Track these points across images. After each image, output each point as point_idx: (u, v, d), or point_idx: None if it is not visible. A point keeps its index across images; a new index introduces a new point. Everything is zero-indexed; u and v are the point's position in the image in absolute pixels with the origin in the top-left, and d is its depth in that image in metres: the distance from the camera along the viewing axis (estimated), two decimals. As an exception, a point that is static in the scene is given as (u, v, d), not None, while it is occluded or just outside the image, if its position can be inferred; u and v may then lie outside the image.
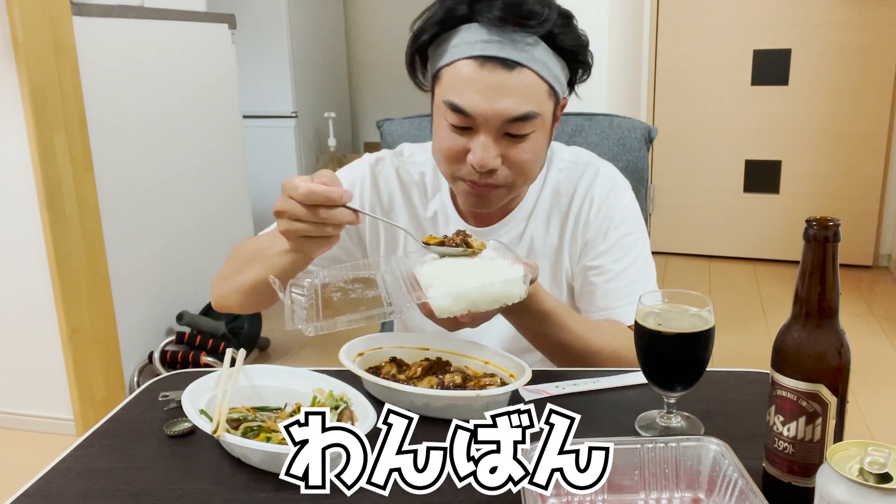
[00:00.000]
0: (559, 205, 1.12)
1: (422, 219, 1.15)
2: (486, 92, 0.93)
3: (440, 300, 0.84)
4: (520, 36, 0.93)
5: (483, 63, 0.93)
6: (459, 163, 0.99)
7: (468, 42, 0.94)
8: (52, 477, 0.81)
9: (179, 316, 2.75)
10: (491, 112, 0.94)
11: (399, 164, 1.17)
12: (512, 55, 0.92)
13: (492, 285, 0.84)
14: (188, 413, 0.82)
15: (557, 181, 1.13)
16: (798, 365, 0.68)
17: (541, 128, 0.99)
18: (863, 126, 3.68)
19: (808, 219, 0.67)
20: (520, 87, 0.94)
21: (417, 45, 1.00)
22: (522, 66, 0.93)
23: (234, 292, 1.09)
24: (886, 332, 3.04)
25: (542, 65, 0.95)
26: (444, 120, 0.98)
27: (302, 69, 4.29)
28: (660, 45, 3.93)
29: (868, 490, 0.54)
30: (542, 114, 0.97)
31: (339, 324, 0.81)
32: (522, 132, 0.96)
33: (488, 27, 0.93)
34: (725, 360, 2.37)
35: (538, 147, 1.00)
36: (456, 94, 0.95)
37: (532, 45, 0.93)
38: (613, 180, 1.13)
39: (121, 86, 2.54)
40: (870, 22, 3.55)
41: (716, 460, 0.71)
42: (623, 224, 1.11)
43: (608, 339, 1.06)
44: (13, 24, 2.13)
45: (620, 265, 1.11)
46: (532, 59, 0.93)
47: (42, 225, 2.26)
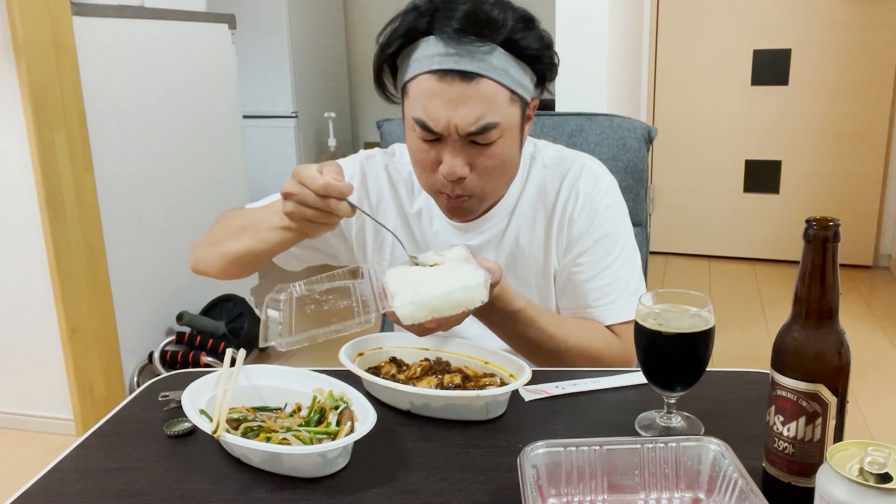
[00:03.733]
0: (545, 201, 1.12)
1: (408, 215, 1.17)
2: (446, 105, 0.95)
3: (404, 309, 0.87)
4: (476, 46, 0.94)
5: (442, 76, 0.95)
6: (433, 173, 1.02)
7: (428, 56, 0.96)
8: (52, 477, 0.82)
9: (179, 316, 2.75)
10: (452, 124, 0.96)
11: (389, 162, 1.19)
12: (469, 66, 0.94)
13: (453, 292, 0.88)
14: (188, 413, 0.82)
15: (542, 178, 1.13)
16: (798, 365, 0.68)
17: (507, 134, 1.00)
18: (863, 126, 3.68)
19: (808, 219, 0.67)
20: (479, 98, 0.95)
21: (384, 57, 1.02)
22: (480, 76, 0.94)
23: (217, 258, 1.13)
24: (886, 332, 3.04)
25: (502, 72, 0.96)
26: (413, 132, 1.01)
27: (302, 69, 4.29)
28: (660, 45, 3.93)
29: (868, 490, 0.54)
30: (504, 121, 0.98)
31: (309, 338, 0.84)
32: (487, 140, 0.98)
33: (445, 40, 0.94)
34: (725, 360, 2.37)
35: (506, 152, 1.01)
36: (420, 109, 0.97)
37: (489, 54, 0.94)
38: (598, 175, 1.13)
39: (121, 86, 2.54)
40: (870, 22, 3.55)
41: (716, 460, 0.71)
42: (606, 222, 1.11)
43: (580, 337, 1.08)
44: (13, 24, 2.13)
45: (601, 264, 1.11)
46: (490, 68, 0.94)
47: (42, 225, 2.26)
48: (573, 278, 1.13)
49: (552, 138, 1.33)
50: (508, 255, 1.13)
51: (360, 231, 1.19)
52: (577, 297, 1.13)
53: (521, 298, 1.03)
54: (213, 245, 1.14)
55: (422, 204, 1.16)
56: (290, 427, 0.83)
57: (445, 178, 1.00)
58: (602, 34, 2.38)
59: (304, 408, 0.88)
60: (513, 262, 1.14)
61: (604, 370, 1.02)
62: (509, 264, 1.13)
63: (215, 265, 1.14)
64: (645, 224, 1.40)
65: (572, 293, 1.13)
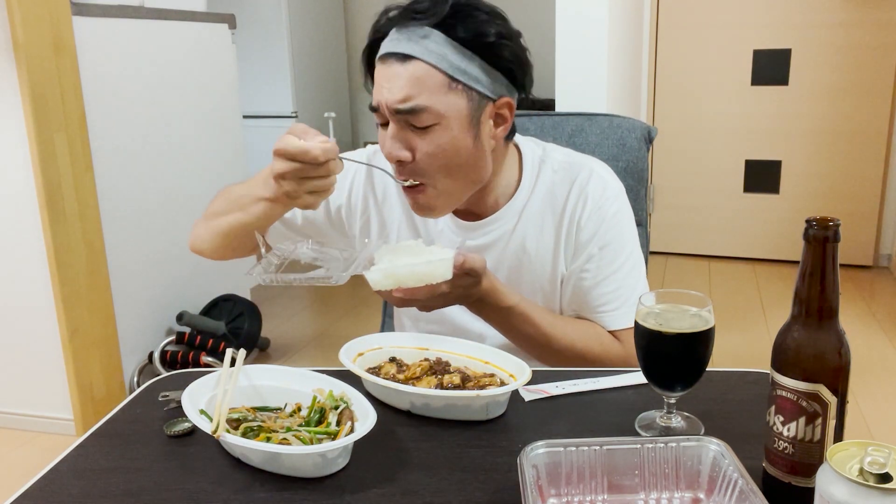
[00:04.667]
0: (553, 205, 1.12)
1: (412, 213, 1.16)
2: (383, 84, 0.99)
3: (372, 274, 0.94)
4: (413, 29, 0.97)
5: (384, 60, 0.99)
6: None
7: (383, 46, 1.00)
8: (52, 477, 0.82)
9: (179, 316, 2.75)
10: (384, 102, 0.98)
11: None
12: (404, 48, 0.96)
13: (416, 265, 0.94)
14: (188, 413, 0.82)
15: (552, 182, 1.13)
16: (798, 365, 0.68)
17: (449, 122, 0.99)
18: (863, 126, 3.68)
19: (808, 219, 0.67)
20: (409, 77, 0.96)
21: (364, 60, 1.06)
22: (414, 57, 0.96)
23: (209, 234, 1.14)
24: (886, 332, 3.04)
25: (438, 56, 0.96)
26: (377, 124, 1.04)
27: (302, 69, 4.29)
28: (660, 45, 3.93)
29: (868, 490, 0.54)
30: (440, 107, 0.97)
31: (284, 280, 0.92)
32: (421, 124, 0.98)
33: (395, 30, 0.99)
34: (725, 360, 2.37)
35: (448, 143, 0.99)
36: (373, 95, 1.01)
37: (426, 37, 0.96)
38: (606, 182, 1.13)
39: (121, 86, 2.54)
40: (870, 22, 3.55)
41: (716, 460, 0.71)
42: (613, 228, 1.11)
43: (577, 336, 1.08)
44: (13, 24, 2.13)
45: (607, 270, 1.11)
46: (424, 51, 0.96)
47: (42, 225, 2.26)
48: (579, 284, 1.13)
49: (552, 138, 1.33)
50: (514, 259, 1.13)
51: (364, 225, 1.19)
52: (583, 302, 1.13)
53: (514, 295, 1.05)
54: (205, 222, 1.15)
55: None
56: (290, 427, 0.83)
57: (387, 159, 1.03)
58: (602, 34, 2.38)
59: (304, 408, 0.88)
60: (518, 266, 1.13)
61: (604, 370, 1.02)
62: (514, 268, 1.13)
63: (208, 242, 1.15)
64: (645, 224, 1.40)
65: (578, 299, 1.13)
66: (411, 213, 1.16)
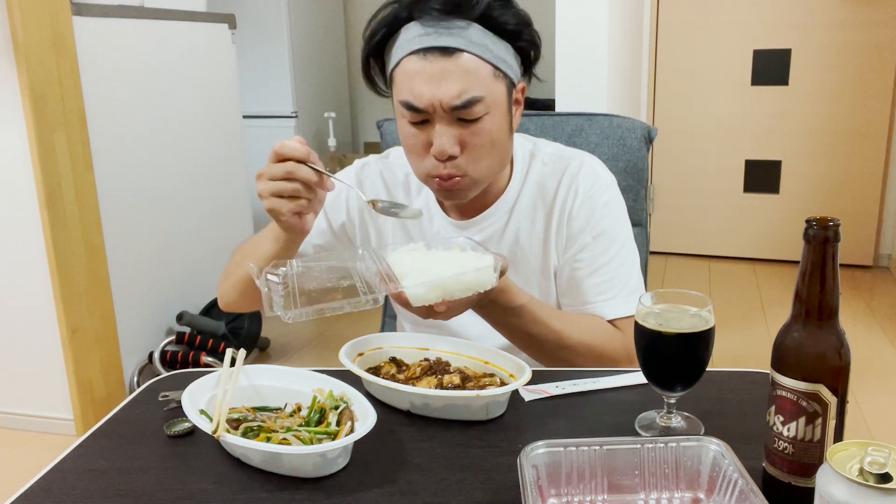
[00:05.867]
0: (544, 197, 1.13)
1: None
2: (430, 81, 0.96)
3: (415, 289, 0.87)
4: (454, 23, 0.96)
5: (423, 55, 0.96)
6: (424, 157, 1.02)
7: (408, 39, 0.98)
8: (52, 477, 0.82)
9: (179, 316, 2.75)
10: (437, 99, 0.96)
11: (384, 167, 1.20)
12: (449, 42, 0.95)
13: (464, 273, 0.88)
14: (188, 413, 0.82)
15: (542, 174, 1.13)
16: (798, 365, 0.68)
17: (494, 111, 1.00)
18: (863, 126, 3.68)
19: (808, 219, 0.67)
20: (461, 71, 0.96)
21: (370, 48, 1.03)
22: (460, 50, 0.95)
23: (231, 289, 1.14)
24: (886, 332, 3.04)
25: (482, 47, 0.96)
26: (403, 119, 1.02)
27: (302, 69, 4.29)
28: (660, 45, 3.93)
29: (868, 490, 0.54)
30: (489, 95, 0.98)
31: (318, 311, 0.82)
32: (474, 116, 0.98)
33: (425, 22, 0.96)
34: (725, 360, 2.37)
35: (494, 130, 1.01)
36: (406, 91, 0.98)
37: (466, 29, 0.96)
38: (597, 173, 1.13)
39: (121, 86, 2.54)
40: (870, 22, 3.55)
41: (716, 460, 0.71)
42: (605, 218, 1.11)
43: (584, 332, 1.07)
44: (13, 24, 2.13)
45: (600, 260, 1.11)
46: (469, 43, 0.96)
47: (42, 225, 2.26)
48: (573, 275, 1.13)
49: (552, 138, 1.33)
50: (509, 253, 1.14)
51: (364, 236, 1.21)
52: (578, 293, 1.13)
53: (525, 294, 1.03)
54: (226, 278, 1.16)
55: (420, 204, 1.17)
56: (290, 427, 0.83)
57: (437, 159, 1.00)
58: (602, 34, 2.38)
59: (304, 408, 0.88)
60: (513, 259, 1.14)
61: (604, 370, 1.02)
62: (511, 261, 1.13)
63: (233, 297, 1.15)
64: (645, 224, 1.40)
65: (573, 290, 1.14)
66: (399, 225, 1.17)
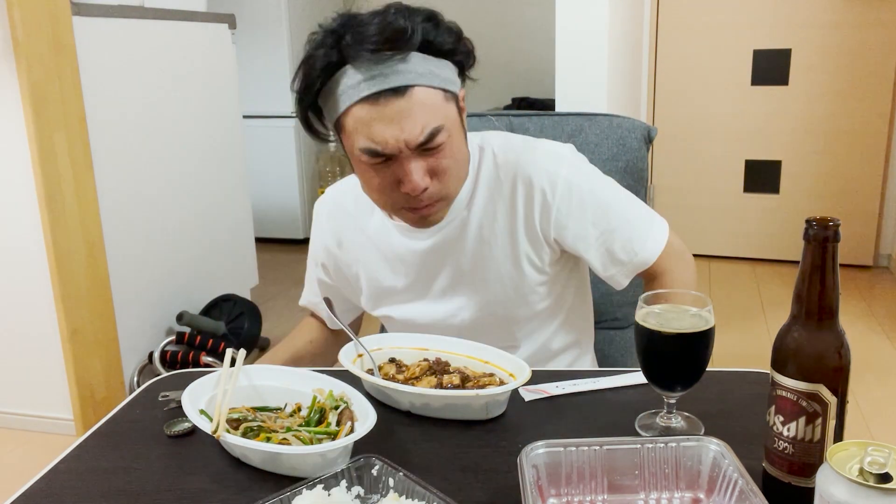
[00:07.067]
0: (501, 192, 1.11)
1: (370, 235, 1.18)
2: (389, 125, 0.94)
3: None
4: (394, 58, 0.93)
5: (375, 100, 0.94)
6: (394, 194, 1.01)
7: (352, 86, 0.95)
8: (52, 477, 0.82)
9: (179, 316, 2.75)
10: (401, 141, 0.95)
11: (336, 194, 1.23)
12: (398, 81, 0.93)
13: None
14: (188, 413, 0.82)
15: (494, 167, 1.11)
16: (798, 365, 0.68)
17: (453, 132, 1.00)
18: (863, 126, 3.67)
19: (808, 219, 0.67)
20: (416, 107, 0.94)
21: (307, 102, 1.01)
22: (411, 86, 0.94)
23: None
24: (886, 332, 3.04)
25: (428, 76, 0.95)
26: (362, 163, 1.00)
27: (302, 69, 4.29)
28: (660, 45, 3.93)
29: (868, 490, 0.54)
30: (445, 120, 0.98)
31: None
32: (437, 144, 0.98)
33: (363, 65, 0.94)
34: (725, 360, 2.37)
35: (456, 149, 1.02)
36: (365, 138, 0.96)
37: (408, 62, 0.94)
38: (556, 153, 1.12)
39: (121, 86, 2.54)
40: (870, 22, 3.55)
41: (716, 460, 0.71)
42: (586, 185, 1.10)
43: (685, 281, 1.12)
44: (13, 24, 2.13)
45: (613, 223, 1.10)
46: (417, 76, 0.94)
47: (42, 225, 2.26)
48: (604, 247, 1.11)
49: (552, 138, 1.33)
50: (474, 248, 1.12)
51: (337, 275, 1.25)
52: (620, 261, 1.12)
53: None
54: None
55: (377, 221, 1.16)
56: (290, 427, 0.83)
57: (411, 195, 0.99)
58: (602, 34, 2.38)
59: (304, 408, 0.88)
60: (480, 255, 1.12)
61: (604, 370, 1.03)
62: (477, 256, 1.12)
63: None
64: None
65: (612, 260, 1.12)
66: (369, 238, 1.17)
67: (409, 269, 1.14)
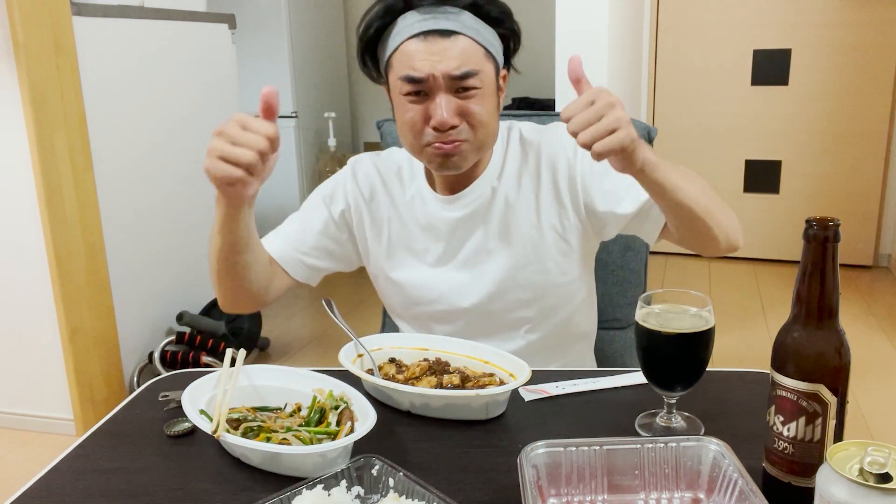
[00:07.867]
0: (527, 164, 1.18)
1: (400, 203, 1.21)
2: (431, 58, 1.05)
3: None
4: (449, 9, 1.06)
5: (425, 37, 1.05)
6: (423, 131, 1.08)
7: (407, 26, 1.06)
8: (52, 477, 0.82)
9: (179, 316, 2.75)
10: (438, 72, 1.04)
11: (377, 160, 1.26)
12: (447, 25, 1.05)
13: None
14: (188, 413, 0.82)
15: (521, 143, 1.20)
16: (798, 365, 0.68)
17: (486, 88, 1.08)
18: (863, 126, 3.67)
19: (808, 219, 0.67)
20: (458, 50, 1.05)
21: (365, 41, 1.11)
22: (458, 33, 1.05)
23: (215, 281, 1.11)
24: (886, 332, 3.04)
25: (475, 30, 1.07)
26: (402, 96, 1.08)
27: (302, 69, 4.29)
28: (660, 45, 3.93)
29: (868, 490, 0.54)
30: (483, 71, 1.07)
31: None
32: (470, 86, 1.06)
33: (422, 10, 1.06)
34: (725, 360, 2.37)
35: (488, 104, 1.09)
36: (407, 67, 1.06)
37: (459, 15, 1.06)
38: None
39: (121, 86, 2.54)
40: (870, 22, 3.55)
41: (716, 460, 0.71)
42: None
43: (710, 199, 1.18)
44: (13, 24, 2.13)
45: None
46: (464, 27, 1.06)
47: (42, 225, 2.26)
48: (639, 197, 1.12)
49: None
50: (501, 215, 1.17)
51: (359, 225, 1.23)
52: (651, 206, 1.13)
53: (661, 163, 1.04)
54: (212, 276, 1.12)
55: (413, 191, 1.21)
56: (290, 427, 0.83)
57: (438, 128, 1.06)
58: (602, 34, 2.38)
59: (304, 408, 0.88)
60: (506, 221, 1.17)
61: (604, 370, 1.03)
62: (503, 223, 1.17)
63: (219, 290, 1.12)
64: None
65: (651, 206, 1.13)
66: (398, 206, 1.21)
67: (439, 236, 1.19)
